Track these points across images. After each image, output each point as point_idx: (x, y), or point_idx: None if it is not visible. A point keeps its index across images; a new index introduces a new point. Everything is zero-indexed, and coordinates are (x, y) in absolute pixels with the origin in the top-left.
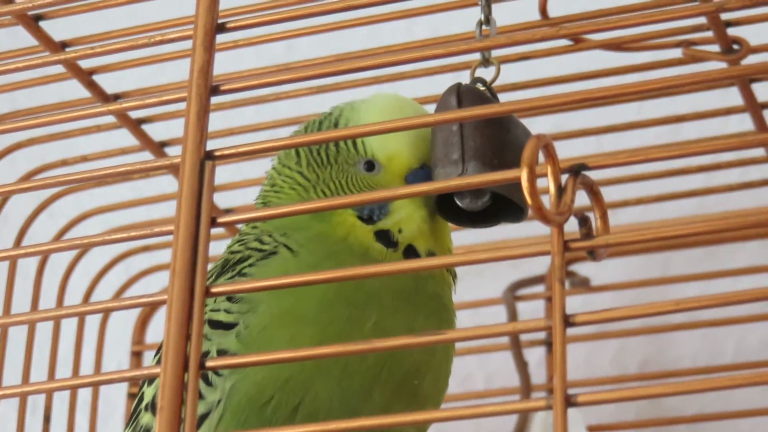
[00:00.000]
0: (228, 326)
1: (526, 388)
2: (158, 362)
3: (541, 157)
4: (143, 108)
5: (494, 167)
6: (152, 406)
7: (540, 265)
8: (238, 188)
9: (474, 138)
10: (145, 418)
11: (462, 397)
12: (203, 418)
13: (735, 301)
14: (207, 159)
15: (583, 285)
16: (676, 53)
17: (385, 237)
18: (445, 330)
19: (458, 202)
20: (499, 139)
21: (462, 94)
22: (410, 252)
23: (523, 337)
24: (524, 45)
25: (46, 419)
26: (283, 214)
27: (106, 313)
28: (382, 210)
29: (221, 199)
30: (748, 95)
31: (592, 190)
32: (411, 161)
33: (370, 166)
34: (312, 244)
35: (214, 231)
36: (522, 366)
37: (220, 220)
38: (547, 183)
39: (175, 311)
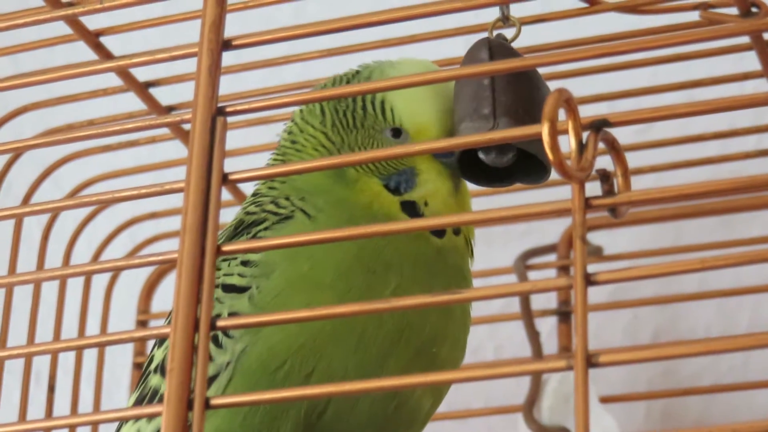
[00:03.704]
0: (241, 289)
1: (538, 358)
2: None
3: (563, 116)
4: (153, 63)
5: (524, 124)
6: (162, 368)
7: (551, 235)
8: (246, 154)
9: (506, 93)
10: (154, 380)
11: (472, 367)
12: (212, 380)
13: (760, 259)
14: (219, 115)
15: (595, 254)
16: (693, 16)
17: (411, 208)
18: (460, 290)
19: (483, 157)
20: (529, 96)
21: (494, 48)
22: None
23: (535, 307)
24: (541, 2)
25: (51, 389)
26: (298, 171)
27: (111, 280)
28: (409, 183)
29: (229, 167)
30: (766, 59)
31: (614, 147)
32: (438, 134)
33: (397, 133)
34: (332, 209)
35: (222, 198)
36: (534, 336)
37: (233, 177)
38: (569, 142)
39: (185, 270)
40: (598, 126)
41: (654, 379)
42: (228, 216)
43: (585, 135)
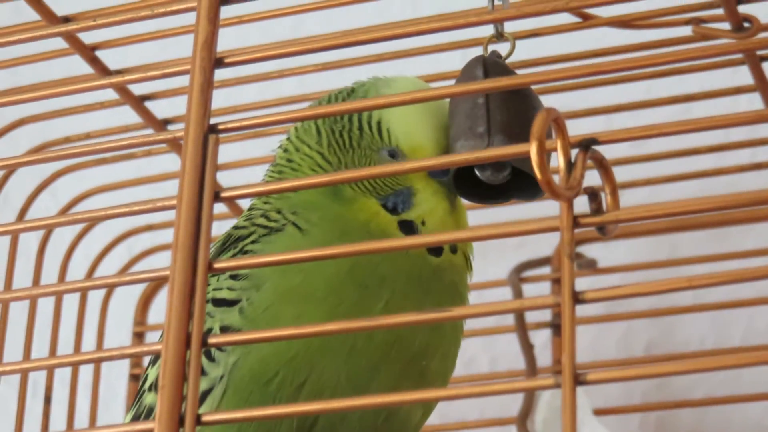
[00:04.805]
0: (231, 303)
1: (532, 371)
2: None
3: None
4: (146, 81)
5: (519, 142)
6: (156, 387)
7: (546, 247)
8: (242, 167)
9: (501, 112)
10: (149, 398)
11: (467, 379)
12: (206, 394)
13: (748, 277)
14: (211, 132)
15: (589, 267)
16: (686, 31)
17: (408, 227)
18: (450, 307)
19: (479, 175)
20: (524, 114)
21: (488, 66)
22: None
23: (529, 319)
24: (534, 18)
25: (47, 400)
26: (290, 188)
27: (108, 292)
28: (406, 202)
29: (225, 180)
30: (759, 74)
31: (602, 165)
32: (434, 155)
33: (393, 154)
34: (326, 224)
35: (217, 211)
36: (527, 348)
37: (224, 194)
38: (558, 159)
39: (177, 287)
40: (587, 144)
41: (649, 391)
42: (223, 230)
43: (574, 153)
